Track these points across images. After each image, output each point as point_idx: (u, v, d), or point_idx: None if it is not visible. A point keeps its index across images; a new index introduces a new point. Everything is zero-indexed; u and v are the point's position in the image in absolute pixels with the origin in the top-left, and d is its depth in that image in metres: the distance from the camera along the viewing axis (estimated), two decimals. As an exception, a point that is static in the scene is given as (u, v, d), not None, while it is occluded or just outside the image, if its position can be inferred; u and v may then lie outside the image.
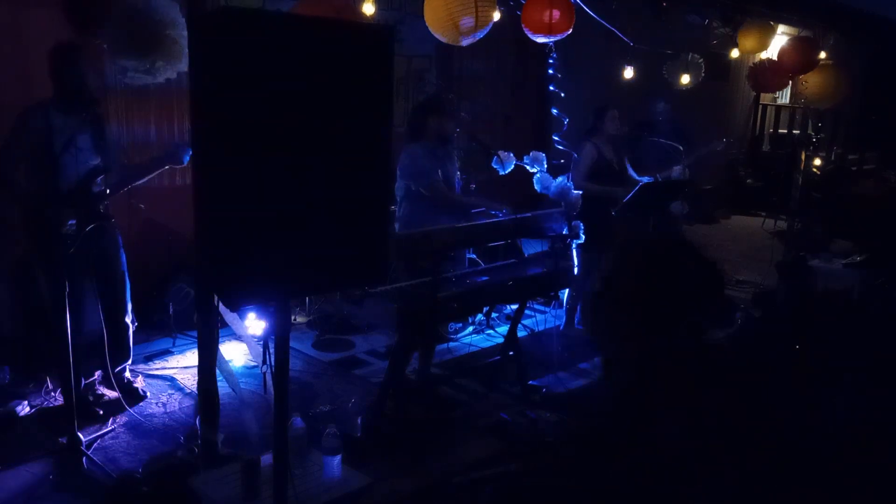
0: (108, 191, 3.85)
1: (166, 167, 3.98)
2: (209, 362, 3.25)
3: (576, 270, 4.77)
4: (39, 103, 3.66)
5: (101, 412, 3.89)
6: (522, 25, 4.63)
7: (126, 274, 4.06)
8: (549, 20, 4.56)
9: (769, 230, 9.39)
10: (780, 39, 7.99)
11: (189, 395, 4.24)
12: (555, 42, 4.84)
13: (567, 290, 5.36)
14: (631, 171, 5.65)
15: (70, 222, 3.62)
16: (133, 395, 4.08)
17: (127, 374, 4.17)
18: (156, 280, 5.07)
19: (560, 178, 4.82)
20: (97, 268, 3.91)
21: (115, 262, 3.99)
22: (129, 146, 5.19)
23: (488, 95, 7.74)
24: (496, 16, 4.41)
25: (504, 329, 5.03)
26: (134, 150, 5.19)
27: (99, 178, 3.82)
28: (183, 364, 4.68)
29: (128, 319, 4.09)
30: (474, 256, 5.39)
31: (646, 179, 5.79)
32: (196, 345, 3.32)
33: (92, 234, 3.74)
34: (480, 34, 4.23)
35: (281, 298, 2.06)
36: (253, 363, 4.67)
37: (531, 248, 5.30)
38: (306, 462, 2.97)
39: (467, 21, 4.10)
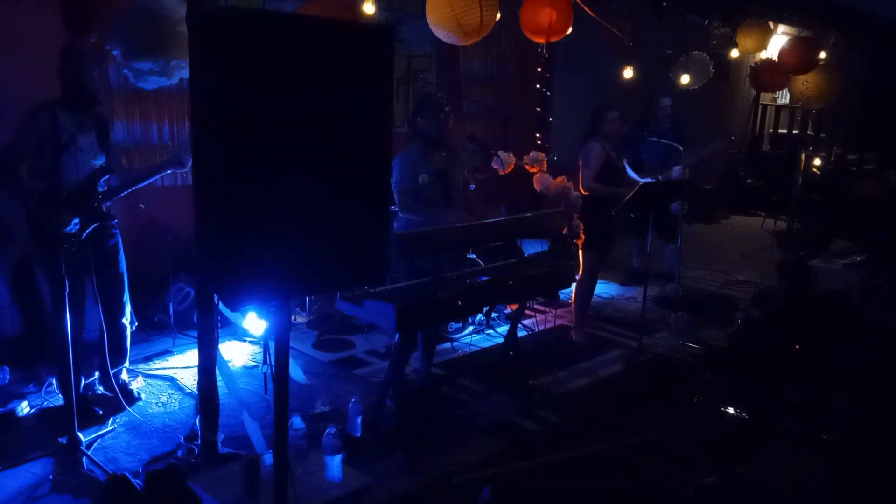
0: (109, 192, 3.85)
1: (168, 171, 3.98)
2: (209, 362, 3.26)
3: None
4: (46, 102, 3.62)
5: (101, 412, 3.89)
6: (520, 27, 4.64)
7: (125, 275, 4.04)
8: (547, 22, 4.56)
9: (769, 230, 9.39)
10: (780, 39, 7.98)
11: (189, 395, 4.24)
12: (553, 43, 4.84)
13: (572, 291, 5.36)
14: (630, 172, 5.64)
15: (74, 221, 3.63)
16: (129, 397, 4.06)
17: (124, 375, 4.16)
18: (156, 280, 5.07)
19: (560, 179, 4.82)
20: (97, 268, 3.90)
21: (115, 263, 3.98)
22: (135, 147, 5.22)
23: (488, 95, 7.74)
24: (497, 15, 4.41)
25: (504, 329, 5.03)
26: (138, 151, 5.21)
27: (102, 179, 3.82)
28: (183, 364, 4.67)
29: (125, 321, 4.07)
30: (474, 256, 5.39)
31: (647, 180, 5.78)
32: (196, 345, 3.33)
33: (93, 234, 3.74)
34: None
35: (281, 298, 2.06)
36: (253, 363, 4.68)
37: (531, 248, 5.29)
38: (307, 462, 2.97)
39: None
